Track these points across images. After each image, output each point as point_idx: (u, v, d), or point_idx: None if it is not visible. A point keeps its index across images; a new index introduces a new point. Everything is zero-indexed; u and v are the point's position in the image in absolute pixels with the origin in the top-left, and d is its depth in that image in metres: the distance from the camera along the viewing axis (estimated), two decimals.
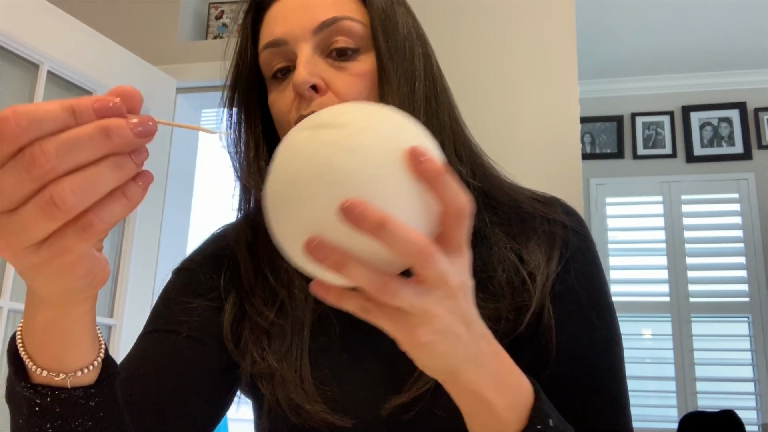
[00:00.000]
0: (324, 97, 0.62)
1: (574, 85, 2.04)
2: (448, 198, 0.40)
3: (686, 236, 3.28)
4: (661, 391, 3.16)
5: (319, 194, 0.40)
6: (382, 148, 0.41)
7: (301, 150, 0.42)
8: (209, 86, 2.37)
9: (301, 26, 0.63)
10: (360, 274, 0.39)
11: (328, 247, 0.39)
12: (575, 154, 1.97)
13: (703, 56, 3.27)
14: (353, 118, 0.43)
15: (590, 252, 0.66)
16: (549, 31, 2.09)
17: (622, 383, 0.63)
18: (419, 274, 0.40)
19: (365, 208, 0.38)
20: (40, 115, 0.33)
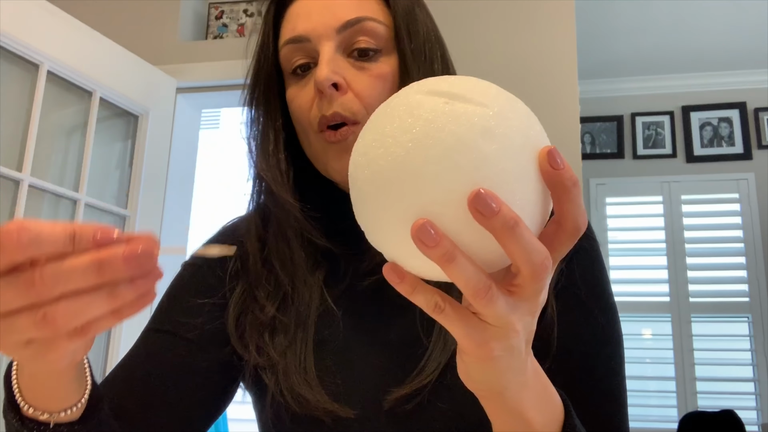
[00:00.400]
0: (345, 97, 0.62)
1: (574, 85, 2.04)
2: (571, 213, 0.38)
3: (686, 236, 3.28)
4: (661, 391, 3.16)
5: (444, 173, 0.35)
6: (521, 142, 0.37)
7: (430, 116, 0.36)
8: (209, 86, 2.37)
9: (324, 24, 0.63)
10: (466, 272, 0.36)
11: (440, 233, 0.35)
12: (575, 154, 1.97)
13: (703, 56, 3.27)
14: (494, 99, 0.38)
15: (594, 251, 0.66)
16: (549, 31, 2.09)
17: (621, 380, 0.63)
18: (520, 284, 0.37)
19: (499, 203, 0.34)
20: (42, 237, 0.34)
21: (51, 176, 1.91)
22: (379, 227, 0.38)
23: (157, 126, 2.23)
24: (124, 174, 2.16)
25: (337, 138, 0.62)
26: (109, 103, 2.08)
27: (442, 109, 0.37)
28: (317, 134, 0.64)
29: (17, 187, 1.77)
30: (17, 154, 1.79)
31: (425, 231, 0.35)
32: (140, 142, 2.18)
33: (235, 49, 2.35)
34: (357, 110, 0.62)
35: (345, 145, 0.62)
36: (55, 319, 0.35)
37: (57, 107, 1.94)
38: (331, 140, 0.63)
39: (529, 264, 0.36)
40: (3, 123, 1.76)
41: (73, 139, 2.01)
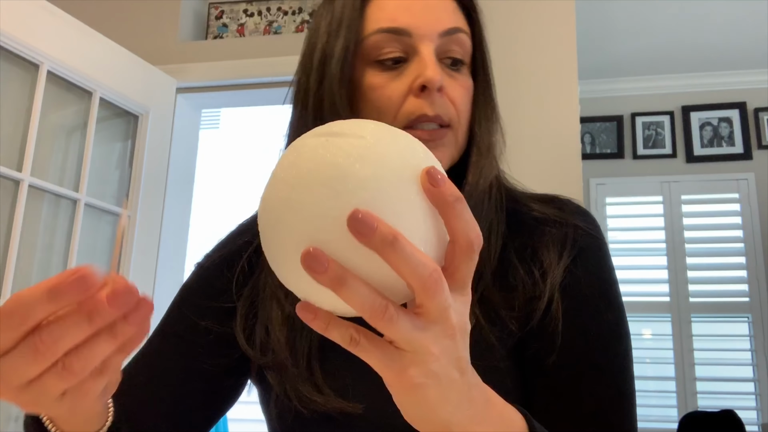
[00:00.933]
0: (443, 100, 0.63)
1: (574, 85, 2.04)
2: (460, 228, 0.38)
3: (686, 236, 3.28)
4: (661, 391, 3.16)
5: (325, 201, 0.37)
6: (399, 165, 0.39)
7: (311, 154, 0.39)
8: (209, 86, 2.37)
9: (428, 25, 0.64)
10: (359, 294, 0.36)
11: (328, 259, 0.36)
12: (575, 154, 1.97)
13: (703, 56, 3.27)
14: (371, 131, 0.40)
15: (600, 250, 0.67)
16: (549, 31, 2.09)
17: (627, 375, 0.63)
18: (421, 304, 0.38)
19: (376, 221, 0.35)
20: (28, 308, 0.36)
21: (51, 176, 1.91)
22: (282, 265, 0.39)
23: (157, 126, 2.23)
24: (124, 174, 2.16)
25: (431, 137, 0.63)
26: (109, 103, 2.08)
27: (322, 145, 0.39)
28: (402, 128, 0.63)
29: (17, 187, 1.77)
30: (17, 154, 1.79)
31: (312, 258, 0.36)
32: (140, 142, 2.18)
33: (235, 49, 2.35)
34: (452, 115, 0.64)
35: (434, 145, 0.63)
36: (72, 367, 0.37)
37: (57, 107, 1.94)
38: (423, 138, 0.61)
39: (417, 278, 0.36)
40: (3, 123, 1.76)
41: (73, 139, 2.01)
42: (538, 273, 0.64)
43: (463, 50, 0.66)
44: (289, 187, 0.38)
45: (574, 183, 1.92)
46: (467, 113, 0.66)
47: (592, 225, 0.68)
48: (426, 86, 0.62)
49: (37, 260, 1.87)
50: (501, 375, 0.61)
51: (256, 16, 2.46)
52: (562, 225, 0.67)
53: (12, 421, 1.79)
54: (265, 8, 2.46)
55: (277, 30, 2.43)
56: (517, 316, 0.63)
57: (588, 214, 0.70)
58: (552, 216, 0.67)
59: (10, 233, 1.74)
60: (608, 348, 0.63)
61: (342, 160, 0.38)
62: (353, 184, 0.37)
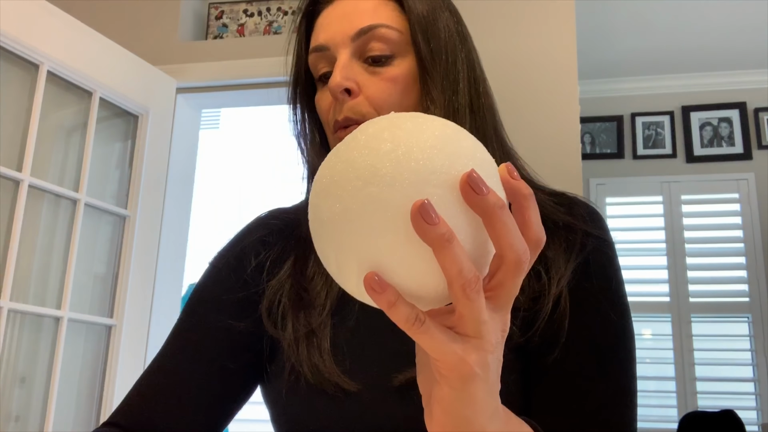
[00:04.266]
0: (356, 100, 0.66)
1: (574, 85, 2.04)
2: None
3: (686, 236, 3.28)
4: (661, 391, 3.16)
5: (440, 164, 0.36)
6: (482, 148, 0.40)
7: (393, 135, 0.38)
8: (209, 86, 2.37)
9: (341, 33, 0.68)
10: (459, 257, 0.35)
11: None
12: (575, 154, 1.97)
13: (703, 56, 3.27)
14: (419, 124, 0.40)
15: (608, 253, 0.68)
16: (549, 31, 2.09)
17: (629, 375, 0.64)
18: (501, 282, 0.38)
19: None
20: None
21: (51, 176, 1.91)
22: (357, 241, 0.38)
23: (157, 126, 2.23)
24: (124, 174, 2.16)
25: (345, 135, 0.64)
26: (109, 103, 2.08)
27: (416, 118, 0.40)
28: (333, 135, 0.69)
29: (17, 187, 1.77)
30: (17, 154, 1.79)
31: (425, 210, 0.34)
32: (140, 142, 2.18)
33: (235, 49, 2.35)
34: (366, 112, 0.66)
35: None
36: None
37: (57, 107, 1.94)
38: (341, 137, 0.67)
39: (513, 250, 0.36)
40: (3, 123, 1.76)
41: (73, 139, 2.01)
42: (545, 272, 0.64)
43: (386, 44, 0.67)
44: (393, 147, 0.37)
45: (574, 183, 1.92)
46: (394, 104, 0.67)
47: (601, 229, 0.69)
48: (331, 94, 0.66)
49: (37, 260, 1.87)
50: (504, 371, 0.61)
51: (256, 16, 2.46)
52: (572, 230, 0.67)
53: (12, 421, 1.79)
54: (265, 8, 2.46)
55: (277, 30, 2.43)
56: (522, 315, 0.63)
57: (597, 215, 0.70)
58: (562, 219, 0.68)
59: (10, 233, 1.74)
60: (612, 348, 0.64)
61: (446, 128, 0.39)
62: (461, 149, 0.38)
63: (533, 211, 0.38)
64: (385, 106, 0.66)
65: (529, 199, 0.38)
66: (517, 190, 0.38)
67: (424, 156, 0.37)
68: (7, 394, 1.77)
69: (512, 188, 0.38)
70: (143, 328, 2.11)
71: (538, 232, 0.38)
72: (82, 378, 1.97)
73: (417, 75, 0.68)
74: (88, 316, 1.96)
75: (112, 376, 1.99)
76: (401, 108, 0.67)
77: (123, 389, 1.99)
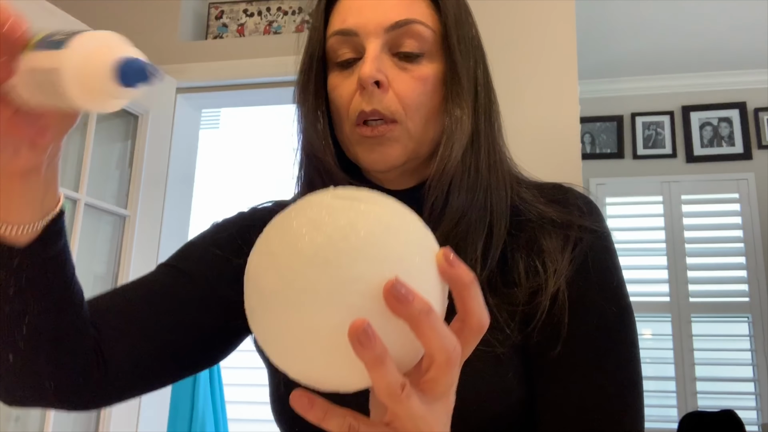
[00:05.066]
0: (385, 95, 0.64)
1: (574, 85, 2.04)
2: (474, 309, 0.39)
3: (686, 236, 3.28)
4: (661, 391, 3.16)
5: (361, 268, 0.36)
6: (421, 238, 0.40)
7: (341, 216, 0.38)
8: (209, 86, 2.37)
9: (374, 22, 0.65)
10: (390, 372, 0.36)
11: (377, 336, 0.35)
12: (575, 154, 1.97)
13: (703, 56, 3.27)
14: (387, 203, 0.41)
15: (605, 245, 0.68)
16: (549, 31, 2.09)
17: (632, 367, 0.64)
18: (433, 378, 0.38)
19: (413, 291, 0.36)
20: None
21: None
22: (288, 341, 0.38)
23: (157, 126, 2.23)
24: (124, 174, 2.16)
25: (373, 134, 0.64)
26: None
27: (351, 209, 0.39)
28: (353, 126, 0.66)
29: None
30: None
31: (363, 332, 0.35)
32: (140, 142, 2.18)
33: (235, 49, 2.35)
34: (395, 110, 0.65)
35: (379, 140, 0.65)
36: None
37: None
38: (366, 134, 0.65)
39: (444, 351, 0.37)
40: None
41: (73, 139, 2.01)
42: (542, 267, 0.64)
43: (419, 41, 0.66)
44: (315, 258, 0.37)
45: (574, 183, 1.93)
46: (421, 104, 0.65)
47: (597, 221, 0.69)
48: (361, 84, 0.64)
49: None
50: (504, 366, 0.62)
51: (256, 16, 2.46)
52: (568, 225, 0.67)
53: (12, 421, 1.79)
54: (265, 8, 2.46)
55: (277, 30, 2.43)
56: (521, 311, 0.63)
57: (592, 205, 0.71)
58: (558, 215, 0.68)
59: None
60: (614, 341, 0.64)
61: (376, 227, 0.38)
62: (388, 253, 0.37)
63: (474, 299, 0.39)
64: (413, 105, 0.65)
65: (469, 288, 0.39)
66: (457, 279, 0.39)
67: (350, 261, 0.37)
68: None
69: (451, 278, 0.39)
70: None
71: (480, 318, 0.39)
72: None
73: (444, 77, 0.67)
74: None
75: None
76: (427, 109, 0.66)
77: None
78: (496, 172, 0.69)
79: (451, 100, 0.66)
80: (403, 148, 0.65)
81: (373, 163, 0.65)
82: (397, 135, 0.65)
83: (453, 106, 0.66)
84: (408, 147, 0.65)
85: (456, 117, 0.66)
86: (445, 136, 0.66)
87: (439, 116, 0.67)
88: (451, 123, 0.66)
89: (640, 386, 0.63)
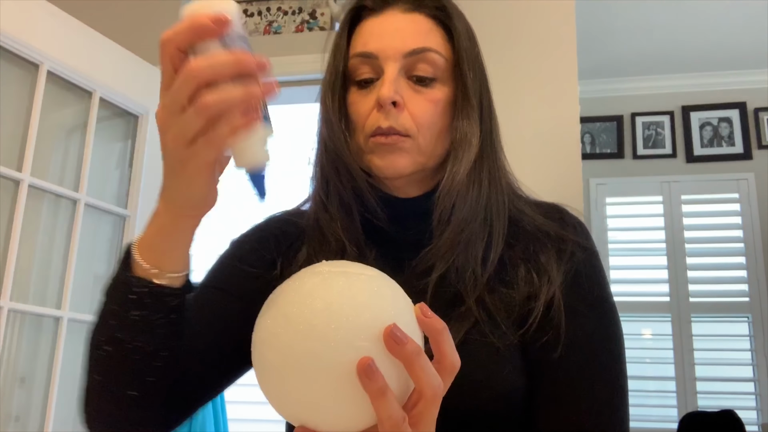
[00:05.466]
0: (401, 114, 0.71)
1: (574, 85, 2.04)
2: (448, 352, 0.47)
3: (686, 236, 3.28)
4: (661, 391, 3.16)
5: (368, 320, 0.45)
6: (402, 296, 0.49)
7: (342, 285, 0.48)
8: None
9: (394, 48, 0.72)
10: (391, 404, 0.44)
11: (380, 371, 0.44)
12: (575, 154, 1.97)
13: (703, 56, 3.27)
14: (374, 271, 0.50)
15: (594, 262, 0.75)
16: (549, 31, 2.09)
17: (620, 372, 0.70)
18: (422, 412, 0.46)
19: (407, 335, 0.45)
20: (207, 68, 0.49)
21: (51, 176, 1.91)
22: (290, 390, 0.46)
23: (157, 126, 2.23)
24: (124, 174, 2.16)
25: (388, 141, 0.71)
26: (109, 103, 2.08)
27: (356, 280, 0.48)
28: (368, 137, 0.73)
29: (17, 187, 1.77)
30: (17, 154, 1.79)
31: (369, 368, 0.44)
32: (140, 142, 2.18)
33: None
34: (409, 127, 0.72)
35: (391, 149, 0.72)
36: (206, 103, 0.47)
37: (57, 107, 1.94)
38: (382, 141, 0.72)
39: (431, 387, 0.45)
40: (3, 123, 1.76)
41: (73, 139, 2.01)
42: (536, 275, 0.71)
43: (432, 68, 0.73)
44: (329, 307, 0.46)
45: (574, 183, 1.92)
46: (432, 124, 0.73)
47: (588, 240, 0.76)
48: (380, 103, 0.71)
49: (37, 260, 1.87)
50: (503, 359, 0.68)
51: (256, 16, 2.46)
52: (563, 240, 0.74)
53: (12, 421, 1.79)
54: (265, 8, 2.46)
55: (277, 30, 2.43)
56: (518, 312, 0.70)
57: (584, 227, 0.78)
58: (554, 229, 0.75)
59: (10, 233, 1.74)
60: (605, 349, 0.70)
61: (370, 290, 0.48)
62: (384, 306, 0.47)
63: (447, 344, 0.48)
64: (426, 124, 0.72)
65: (442, 333, 0.48)
66: (432, 327, 0.48)
67: (354, 313, 0.45)
68: (7, 394, 1.77)
69: (427, 327, 0.48)
70: None
71: (453, 360, 0.48)
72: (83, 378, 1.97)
73: (453, 100, 0.74)
74: (88, 316, 1.97)
75: None
76: (437, 127, 0.73)
77: None
78: (497, 186, 0.76)
79: (460, 120, 0.74)
80: (412, 160, 0.72)
81: (384, 169, 0.72)
82: (408, 147, 0.72)
83: (462, 126, 0.74)
84: (417, 160, 0.73)
85: (465, 136, 0.73)
86: (454, 152, 0.73)
87: (447, 134, 0.74)
88: (460, 141, 0.73)
89: (626, 390, 0.70)
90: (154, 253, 0.59)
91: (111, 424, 0.65)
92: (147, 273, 0.59)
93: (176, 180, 0.54)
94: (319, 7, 2.42)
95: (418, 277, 0.71)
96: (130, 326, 0.60)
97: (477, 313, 0.68)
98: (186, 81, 0.48)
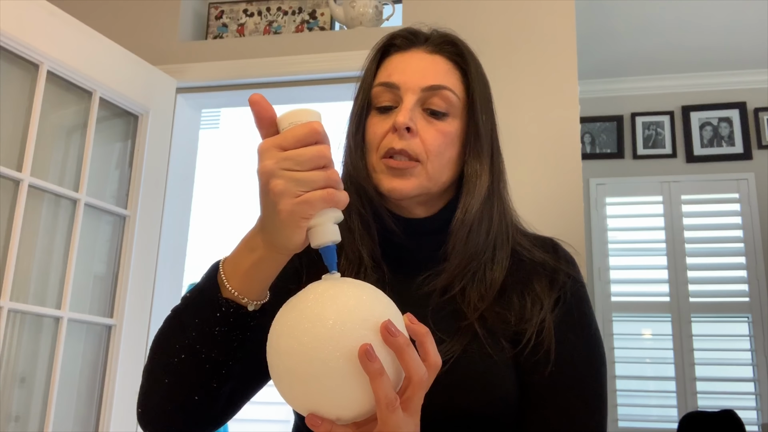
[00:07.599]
0: (413, 139, 0.80)
1: (574, 85, 2.04)
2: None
3: (686, 236, 3.28)
4: (661, 391, 3.16)
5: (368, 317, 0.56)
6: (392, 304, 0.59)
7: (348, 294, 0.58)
8: (209, 86, 2.37)
9: (414, 82, 0.82)
10: (387, 385, 0.53)
11: (375, 355, 0.53)
12: (575, 154, 1.97)
13: (703, 56, 3.27)
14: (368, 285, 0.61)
15: (582, 292, 0.85)
16: (549, 32, 2.09)
17: (602, 388, 0.79)
18: (410, 397, 0.55)
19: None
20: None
21: (51, 176, 1.91)
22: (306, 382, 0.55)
23: (157, 126, 2.23)
24: (124, 174, 2.16)
25: (398, 165, 0.80)
26: (109, 103, 2.08)
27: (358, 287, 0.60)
28: (380, 158, 0.82)
29: (17, 187, 1.77)
30: (17, 154, 1.79)
31: (369, 353, 0.53)
32: (140, 142, 2.18)
33: (235, 49, 2.35)
34: (419, 152, 0.80)
35: (401, 172, 0.80)
36: (332, 175, 0.58)
37: (57, 107, 1.94)
38: (391, 165, 0.80)
39: (418, 373, 0.55)
40: (3, 123, 1.76)
41: (73, 139, 2.01)
42: (530, 301, 0.80)
43: (446, 104, 0.82)
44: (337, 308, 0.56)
45: (574, 183, 1.92)
46: (440, 153, 0.81)
47: (577, 272, 0.86)
48: (395, 127, 0.79)
49: (37, 260, 1.87)
50: (499, 370, 0.77)
51: (256, 16, 2.46)
52: (555, 270, 0.84)
53: (12, 421, 1.79)
54: (265, 8, 2.46)
55: (277, 30, 2.43)
56: (513, 331, 0.79)
57: (573, 259, 0.88)
58: (549, 261, 0.85)
59: (10, 233, 1.74)
60: (589, 370, 0.79)
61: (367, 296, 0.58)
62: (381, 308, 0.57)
63: (430, 345, 0.57)
64: (434, 152, 0.81)
65: (426, 336, 0.58)
66: (417, 332, 0.58)
67: (358, 307, 0.56)
68: (7, 394, 1.77)
69: (413, 331, 0.58)
70: (143, 328, 2.11)
71: (435, 359, 0.57)
72: (82, 378, 1.97)
73: (462, 134, 0.83)
74: (88, 316, 1.96)
75: (112, 376, 1.99)
76: (445, 157, 0.82)
77: (123, 389, 1.99)
78: (502, 220, 0.85)
79: (471, 156, 0.83)
80: (418, 184, 0.80)
81: (392, 190, 0.80)
82: (417, 172, 0.80)
83: (474, 161, 0.83)
84: (423, 184, 0.81)
85: (476, 171, 0.83)
86: (466, 186, 0.83)
87: (453, 165, 0.83)
88: (472, 176, 0.83)
89: (605, 402, 0.80)
90: (246, 280, 0.67)
91: (168, 424, 0.71)
92: (235, 297, 0.68)
93: (280, 228, 0.61)
94: (319, 7, 2.42)
95: (425, 292, 0.80)
96: (211, 340, 0.68)
97: (477, 328, 0.77)
98: (319, 156, 0.58)
